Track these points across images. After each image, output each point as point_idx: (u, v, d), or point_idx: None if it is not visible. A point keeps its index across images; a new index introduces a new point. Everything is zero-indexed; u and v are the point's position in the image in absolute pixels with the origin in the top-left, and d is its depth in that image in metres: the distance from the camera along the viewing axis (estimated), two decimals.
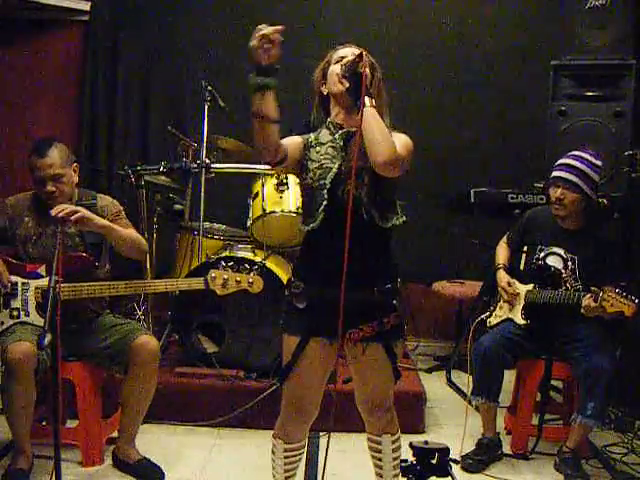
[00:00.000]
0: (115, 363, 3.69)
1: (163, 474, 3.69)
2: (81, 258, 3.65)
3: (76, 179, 3.78)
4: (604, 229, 4.05)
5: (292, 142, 2.73)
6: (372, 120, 2.53)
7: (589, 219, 4.02)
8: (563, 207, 3.95)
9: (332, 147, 2.70)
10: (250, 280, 3.65)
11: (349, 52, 2.74)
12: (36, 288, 3.59)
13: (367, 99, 2.55)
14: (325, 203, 2.62)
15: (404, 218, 2.72)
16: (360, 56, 2.55)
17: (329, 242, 2.64)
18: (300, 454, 2.95)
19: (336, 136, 2.71)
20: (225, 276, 3.64)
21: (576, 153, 3.98)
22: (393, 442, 2.91)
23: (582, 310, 3.72)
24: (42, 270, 3.61)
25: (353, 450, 3.86)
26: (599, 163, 3.96)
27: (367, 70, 2.56)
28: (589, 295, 3.68)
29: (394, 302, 2.75)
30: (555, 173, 3.99)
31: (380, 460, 2.93)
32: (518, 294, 4.07)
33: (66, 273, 3.43)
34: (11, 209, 3.74)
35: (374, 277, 2.70)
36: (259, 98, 2.64)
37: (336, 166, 2.65)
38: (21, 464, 3.51)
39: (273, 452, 2.92)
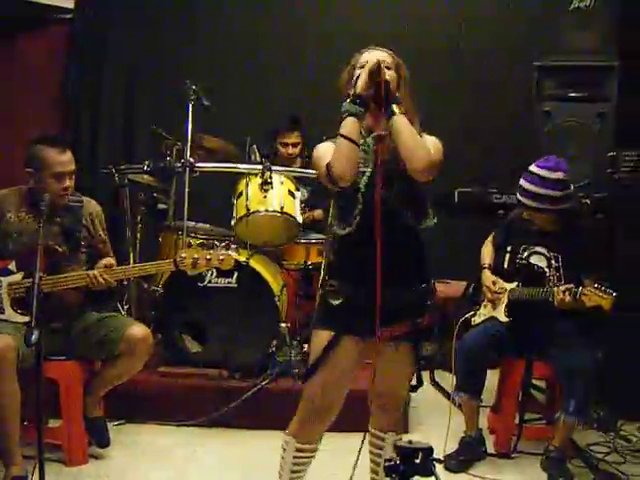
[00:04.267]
0: (105, 352, 3.71)
1: (109, 441, 3.84)
2: (52, 250, 3.62)
3: None
4: (585, 229, 4.07)
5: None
6: (403, 128, 2.58)
7: (568, 219, 4.04)
8: (535, 224, 4.05)
9: (364, 150, 2.68)
10: (221, 257, 3.62)
11: (373, 56, 2.73)
12: (9, 284, 3.56)
13: (395, 107, 2.59)
14: (360, 207, 2.63)
15: (435, 220, 2.75)
16: (378, 66, 2.57)
17: (364, 245, 2.62)
18: (310, 457, 2.90)
19: (368, 140, 2.70)
20: (195, 255, 3.60)
21: (535, 172, 3.95)
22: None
23: (556, 303, 3.75)
24: (12, 266, 3.58)
25: (349, 449, 3.86)
26: (559, 175, 3.90)
27: (387, 77, 2.61)
28: (562, 289, 3.72)
29: (428, 303, 2.77)
30: (519, 197, 4.01)
31: (379, 457, 2.92)
32: (502, 292, 4.10)
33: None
34: None
35: (409, 277, 2.72)
36: (350, 123, 2.58)
37: (369, 170, 2.65)
38: (17, 471, 3.39)
39: (284, 449, 2.86)
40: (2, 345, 3.28)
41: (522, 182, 4.00)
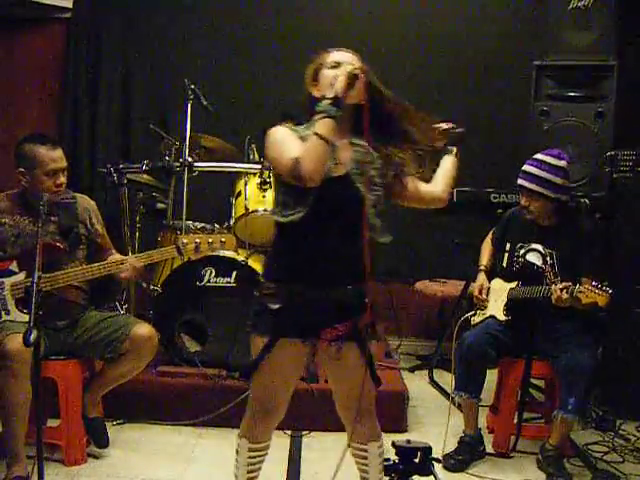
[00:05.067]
0: (110, 351, 3.69)
1: (108, 442, 3.86)
2: (52, 246, 3.60)
3: None
4: (583, 226, 4.07)
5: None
6: (453, 168, 2.92)
7: (564, 216, 4.06)
8: (530, 212, 4.02)
9: None
10: (222, 239, 3.58)
11: (344, 57, 2.75)
12: (12, 285, 3.55)
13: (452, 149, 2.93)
14: (311, 200, 2.54)
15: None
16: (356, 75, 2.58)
17: (310, 239, 2.59)
18: (264, 455, 2.91)
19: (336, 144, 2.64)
20: (197, 240, 3.55)
21: (539, 157, 4.00)
22: (379, 447, 2.85)
23: (553, 301, 3.75)
24: (14, 266, 3.58)
25: (334, 449, 3.87)
26: (562, 164, 3.96)
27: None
28: (559, 286, 3.72)
29: (366, 301, 2.69)
30: (519, 181, 4.03)
31: (367, 466, 2.86)
32: (486, 300, 4.17)
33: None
34: None
35: (348, 276, 2.65)
36: (328, 124, 2.52)
37: (330, 167, 2.59)
38: (19, 472, 3.39)
39: (237, 452, 2.89)
40: (18, 345, 3.25)
41: (525, 167, 4.01)
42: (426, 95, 6.18)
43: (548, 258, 3.99)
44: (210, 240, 3.56)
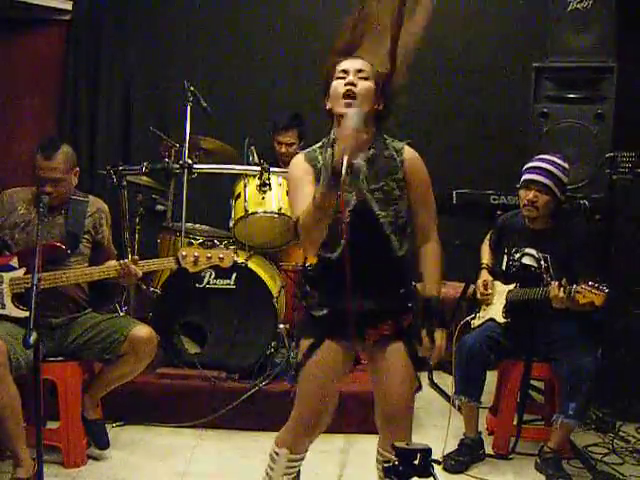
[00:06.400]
0: (110, 352, 3.70)
1: (108, 443, 3.87)
2: (53, 247, 3.64)
3: (75, 182, 3.86)
4: (577, 229, 4.08)
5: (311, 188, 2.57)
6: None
7: (558, 219, 4.07)
8: (535, 209, 4.00)
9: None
10: (221, 255, 3.66)
11: (351, 66, 2.78)
12: (10, 280, 3.57)
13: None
14: (346, 236, 2.48)
15: (403, 251, 2.83)
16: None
17: (344, 268, 2.46)
18: (299, 465, 2.88)
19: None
20: (196, 253, 3.64)
21: (545, 157, 4.05)
22: None
23: (551, 298, 3.76)
24: (14, 262, 3.60)
25: (335, 450, 3.86)
26: (566, 165, 4.03)
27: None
28: (556, 284, 3.73)
29: (409, 305, 2.81)
30: (527, 176, 4.03)
31: None
32: (491, 294, 4.16)
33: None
34: (7, 198, 3.80)
35: (389, 287, 2.77)
36: (330, 196, 2.28)
37: (354, 198, 2.60)
38: (21, 473, 3.39)
39: (274, 461, 2.83)
40: None
41: (535, 163, 4.04)
42: (426, 97, 6.18)
43: (542, 262, 4.01)
44: (209, 255, 3.63)
